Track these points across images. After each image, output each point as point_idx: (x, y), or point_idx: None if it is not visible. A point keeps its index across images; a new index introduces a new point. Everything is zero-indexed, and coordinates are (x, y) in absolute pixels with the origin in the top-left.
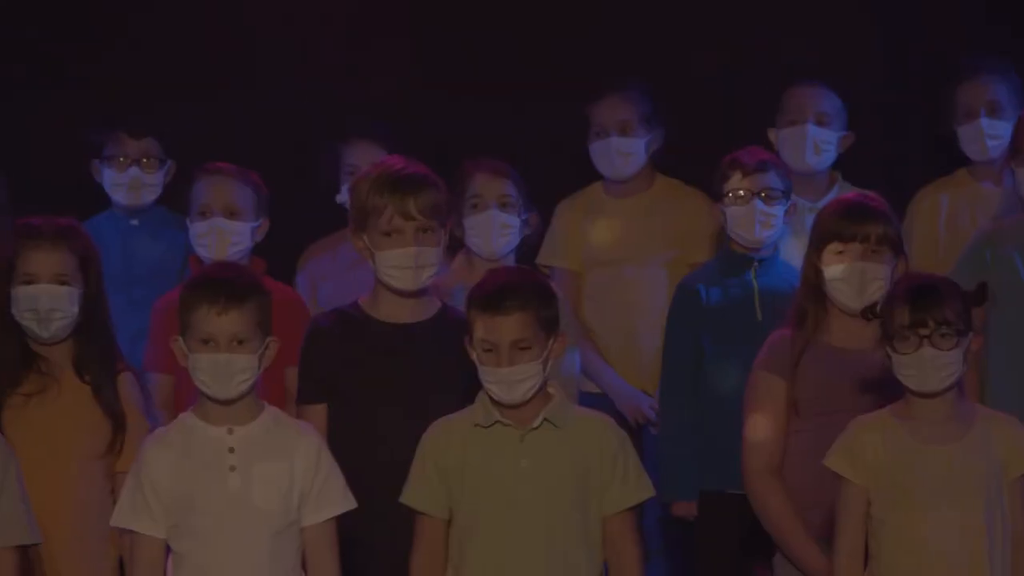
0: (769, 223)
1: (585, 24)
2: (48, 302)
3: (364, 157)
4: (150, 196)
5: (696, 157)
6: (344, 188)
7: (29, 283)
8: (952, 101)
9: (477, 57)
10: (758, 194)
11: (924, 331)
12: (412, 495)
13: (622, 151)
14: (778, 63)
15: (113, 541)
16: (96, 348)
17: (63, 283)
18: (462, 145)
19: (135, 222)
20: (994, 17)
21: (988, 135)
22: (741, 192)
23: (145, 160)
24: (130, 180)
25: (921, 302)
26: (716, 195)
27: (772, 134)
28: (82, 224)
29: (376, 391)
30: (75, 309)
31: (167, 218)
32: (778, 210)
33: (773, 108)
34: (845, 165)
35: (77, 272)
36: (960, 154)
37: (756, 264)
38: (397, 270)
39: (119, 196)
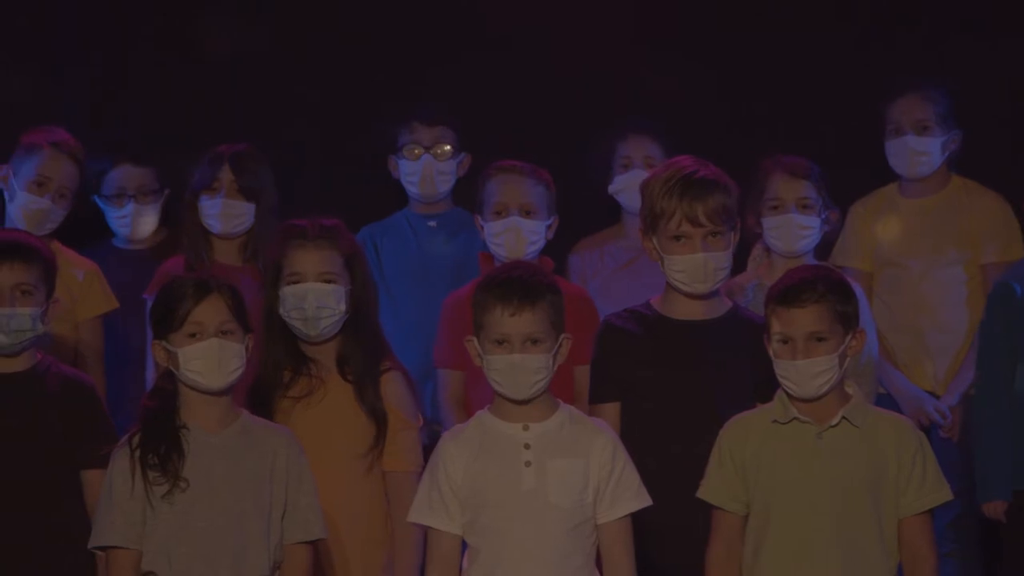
0: None
1: (885, 22)
2: (315, 300)
3: (638, 150)
4: (443, 186)
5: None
6: (616, 178)
7: (296, 282)
8: None
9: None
10: None
11: None
12: (709, 490)
13: (918, 150)
14: None
15: (380, 541)
16: (361, 346)
17: (329, 281)
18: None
19: (432, 223)
20: None
21: None
22: None
23: (438, 149)
24: (423, 168)
25: None
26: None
27: None
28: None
29: (670, 388)
30: (342, 307)
31: (464, 219)
32: None
33: None
34: None
35: (343, 270)
36: None
37: None
38: (685, 275)
39: (413, 188)
